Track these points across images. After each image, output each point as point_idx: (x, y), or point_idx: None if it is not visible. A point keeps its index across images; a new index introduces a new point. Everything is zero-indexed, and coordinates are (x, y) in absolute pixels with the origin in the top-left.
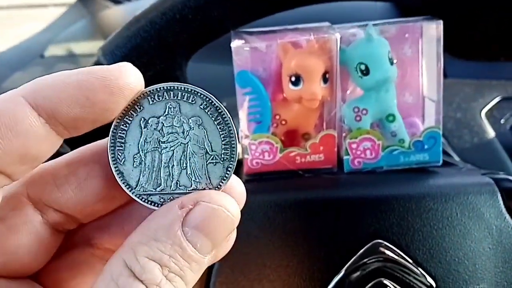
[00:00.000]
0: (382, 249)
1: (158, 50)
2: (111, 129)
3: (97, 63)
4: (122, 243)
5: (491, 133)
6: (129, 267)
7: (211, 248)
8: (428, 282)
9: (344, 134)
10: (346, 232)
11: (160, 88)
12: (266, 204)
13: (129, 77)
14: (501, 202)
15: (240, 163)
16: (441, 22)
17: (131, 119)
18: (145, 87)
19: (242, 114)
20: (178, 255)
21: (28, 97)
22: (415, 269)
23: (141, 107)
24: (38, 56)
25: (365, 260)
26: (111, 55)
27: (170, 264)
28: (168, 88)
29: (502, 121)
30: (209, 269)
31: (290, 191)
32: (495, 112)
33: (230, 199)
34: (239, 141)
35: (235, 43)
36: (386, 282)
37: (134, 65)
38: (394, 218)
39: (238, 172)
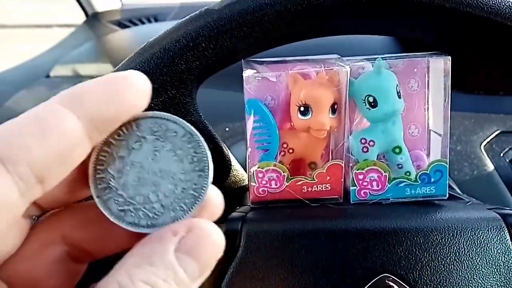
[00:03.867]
0: (389, 283)
1: (170, 77)
2: (97, 148)
3: None
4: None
5: (490, 166)
6: None
7: (199, 273)
8: None
9: (351, 165)
10: (354, 264)
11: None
12: (272, 234)
13: (142, 80)
14: (508, 237)
15: (245, 191)
16: (449, 57)
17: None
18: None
19: (250, 141)
20: (170, 279)
21: (66, 102)
22: None
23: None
24: (44, 75)
25: None
26: None
27: None
28: (165, 117)
29: (501, 154)
30: None
31: (297, 221)
32: (495, 145)
33: (218, 229)
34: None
35: (247, 73)
36: None
37: None
38: (402, 251)
39: (244, 199)
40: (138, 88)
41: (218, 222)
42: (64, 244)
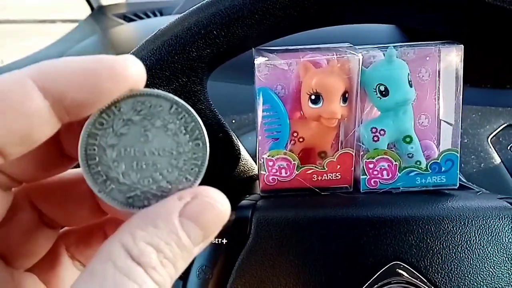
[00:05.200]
0: (400, 271)
1: (181, 64)
2: (87, 124)
3: None
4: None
5: (497, 159)
6: (126, 250)
7: (202, 239)
8: None
9: (361, 154)
10: (365, 252)
11: (142, 93)
12: (283, 221)
13: (133, 69)
14: None
15: (255, 180)
16: (461, 46)
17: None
18: None
19: (260, 130)
20: (173, 243)
21: (36, 79)
22: None
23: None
24: None
25: (383, 281)
26: None
27: (166, 251)
28: (145, 93)
29: (508, 147)
30: (223, 285)
31: (308, 209)
32: (502, 139)
33: (224, 197)
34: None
35: (259, 60)
36: None
37: (157, 77)
38: (413, 239)
39: (253, 188)
40: (122, 78)
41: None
42: (34, 211)
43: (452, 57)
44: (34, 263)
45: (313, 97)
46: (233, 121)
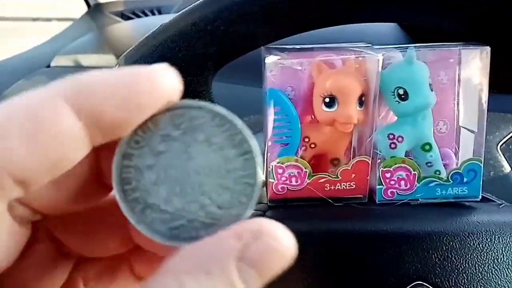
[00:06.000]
0: None
1: (186, 62)
2: (121, 144)
3: None
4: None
5: (507, 167)
6: None
7: (258, 286)
8: None
9: (378, 161)
10: (384, 270)
11: (182, 105)
12: (294, 234)
13: (173, 80)
14: None
15: (262, 186)
16: (488, 48)
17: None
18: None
19: (269, 134)
20: None
21: (68, 97)
22: None
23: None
24: (44, 65)
25: None
26: (135, 65)
27: None
28: (184, 106)
29: None
30: None
31: (321, 221)
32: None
33: (290, 235)
34: (263, 164)
35: (270, 59)
36: None
37: None
38: (436, 257)
39: (260, 197)
40: (161, 91)
41: None
42: (52, 243)
43: (475, 59)
44: None
45: (327, 100)
46: None
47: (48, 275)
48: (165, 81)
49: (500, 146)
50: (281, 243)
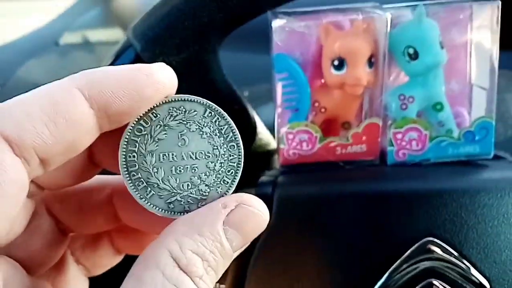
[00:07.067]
0: (433, 247)
1: (192, 31)
2: (126, 132)
3: (127, 44)
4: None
5: None
6: (174, 259)
7: (241, 246)
8: (482, 283)
9: (389, 123)
10: (395, 228)
11: (177, 99)
12: (307, 197)
13: (170, 75)
14: None
15: (272, 155)
16: (498, 2)
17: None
18: (178, 71)
19: (278, 100)
20: (217, 251)
21: (82, 88)
22: (469, 269)
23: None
24: (53, 43)
25: (415, 259)
26: (143, 36)
27: (210, 259)
28: (180, 99)
29: None
30: (244, 265)
31: (334, 184)
32: None
33: (264, 206)
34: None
35: (276, 23)
36: (436, 283)
37: (167, 46)
38: (446, 214)
39: (271, 163)
40: (160, 84)
41: (247, 187)
42: (51, 218)
43: (487, 15)
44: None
45: (336, 62)
46: (245, 93)
47: (50, 247)
48: (161, 76)
49: None
50: (257, 208)
